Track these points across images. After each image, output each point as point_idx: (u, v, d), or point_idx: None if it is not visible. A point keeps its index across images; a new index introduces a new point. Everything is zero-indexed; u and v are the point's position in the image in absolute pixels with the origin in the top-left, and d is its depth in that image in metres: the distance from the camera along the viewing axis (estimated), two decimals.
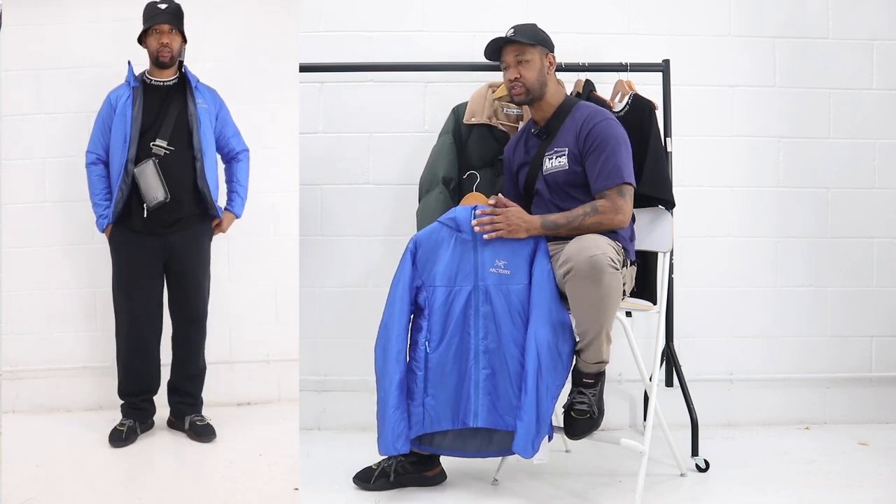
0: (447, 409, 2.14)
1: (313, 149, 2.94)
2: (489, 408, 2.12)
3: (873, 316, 3.00)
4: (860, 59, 2.99)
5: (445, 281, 2.16)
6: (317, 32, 2.94)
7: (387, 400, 2.11)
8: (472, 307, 2.15)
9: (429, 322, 2.16)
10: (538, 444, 2.05)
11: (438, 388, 2.14)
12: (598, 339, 2.04)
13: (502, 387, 2.11)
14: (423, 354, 2.14)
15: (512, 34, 2.27)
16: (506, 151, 2.47)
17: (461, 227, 2.17)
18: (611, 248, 1.99)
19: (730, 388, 2.98)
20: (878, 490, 2.24)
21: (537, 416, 2.04)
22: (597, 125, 2.20)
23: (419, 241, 2.20)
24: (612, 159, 2.16)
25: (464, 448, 2.23)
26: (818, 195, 3.00)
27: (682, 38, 2.96)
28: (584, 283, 1.95)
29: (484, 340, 2.13)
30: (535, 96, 2.28)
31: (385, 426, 2.11)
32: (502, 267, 2.14)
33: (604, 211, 2.14)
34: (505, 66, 2.30)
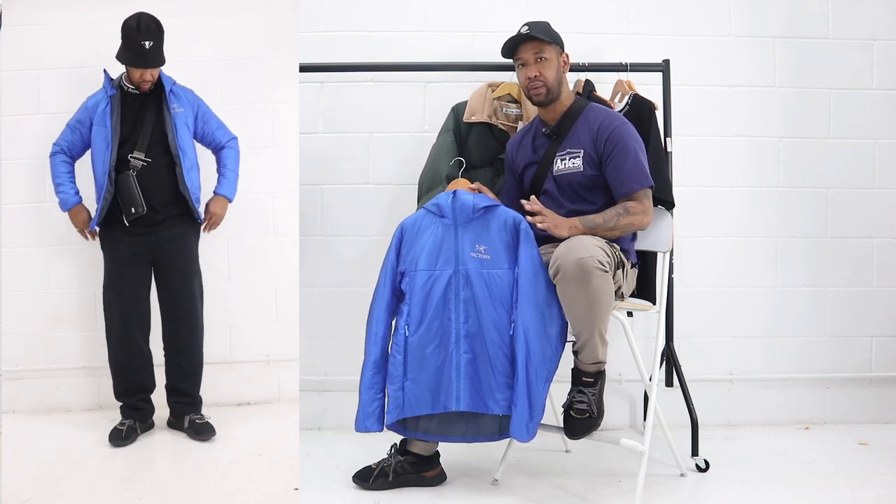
0: (427, 393, 2.15)
1: (313, 149, 2.94)
2: (470, 392, 2.13)
3: (873, 316, 3.00)
4: (860, 59, 2.99)
5: (426, 265, 2.18)
6: (317, 32, 2.94)
7: (362, 378, 2.18)
8: (453, 291, 2.16)
9: (409, 306, 2.17)
10: (533, 428, 2.06)
11: (418, 371, 2.15)
12: (592, 341, 2.04)
13: (483, 371, 2.12)
14: (403, 338, 2.16)
15: (527, 30, 2.24)
16: (508, 150, 2.47)
17: (443, 212, 2.19)
18: (599, 251, 1.99)
19: (730, 388, 2.98)
20: (878, 490, 2.24)
21: (529, 401, 2.06)
22: (616, 129, 2.21)
23: (405, 227, 2.23)
24: (636, 163, 2.18)
25: (449, 433, 2.24)
26: (818, 195, 3.00)
27: (682, 38, 2.96)
28: (573, 285, 1.96)
29: (465, 325, 2.14)
30: (554, 96, 2.27)
31: (359, 404, 2.18)
32: (483, 252, 2.15)
33: (635, 212, 2.16)
34: (521, 64, 2.28)
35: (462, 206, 2.18)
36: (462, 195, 2.19)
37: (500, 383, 2.11)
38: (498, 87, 2.67)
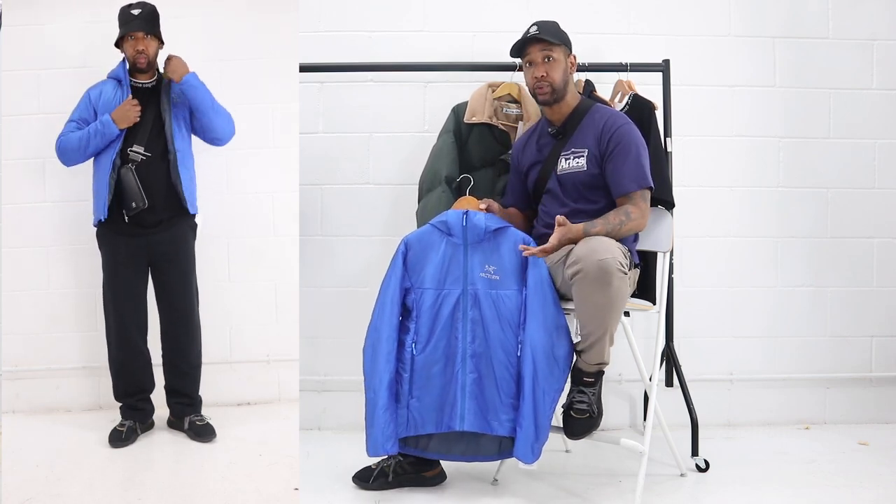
0: (432, 413, 2.14)
1: (313, 149, 2.94)
2: (475, 412, 2.11)
3: (873, 316, 3.00)
4: (860, 59, 2.99)
5: (434, 284, 2.16)
6: (317, 32, 2.93)
7: (376, 401, 2.12)
8: (461, 311, 2.15)
9: (416, 324, 2.16)
10: (538, 449, 2.06)
11: (423, 390, 2.14)
12: (602, 342, 2.04)
13: (489, 391, 2.11)
14: (410, 356, 2.15)
15: (536, 30, 2.24)
16: (514, 150, 2.47)
17: (452, 231, 2.18)
18: (619, 252, 1.99)
19: (730, 388, 2.98)
20: (878, 490, 2.24)
21: (535, 422, 2.05)
22: (619, 129, 2.20)
23: (410, 242, 2.20)
24: (636, 163, 2.17)
25: (448, 452, 2.23)
26: (818, 195, 3.00)
27: (682, 38, 2.96)
28: (593, 285, 1.95)
29: (472, 344, 2.13)
30: (559, 96, 2.27)
31: (374, 427, 2.12)
32: (492, 272, 2.14)
33: (635, 217, 2.15)
34: (528, 63, 2.28)
35: (473, 227, 2.17)
36: (474, 216, 2.17)
37: (505, 404, 2.10)
38: (498, 88, 2.67)
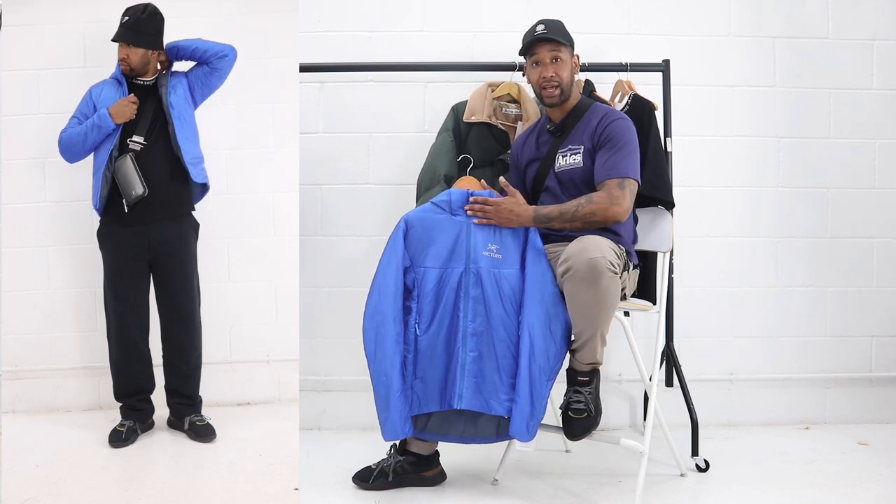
0: (436, 391, 2.13)
1: (313, 149, 2.94)
2: (474, 390, 2.10)
3: (873, 316, 3.00)
4: (860, 59, 2.99)
5: (437, 262, 2.15)
6: (317, 32, 2.93)
7: (390, 385, 2.09)
8: (463, 289, 2.13)
9: (418, 304, 2.14)
10: (534, 427, 2.05)
11: (427, 370, 2.12)
12: (593, 341, 2.04)
13: (488, 370, 2.10)
14: (413, 336, 2.13)
15: (544, 30, 2.24)
16: (513, 148, 2.47)
17: (455, 210, 2.17)
18: (611, 252, 1.99)
19: (730, 388, 2.98)
20: (878, 490, 2.24)
21: (531, 399, 2.05)
22: (612, 123, 2.21)
23: (410, 221, 2.17)
24: (620, 154, 2.17)
25: (447, 432, 2.23)
26: (818, 195, 3.00)
27: (682, 38, 2.96)
28: (582, 284, 1.95)
29: (472, 323, 2.12)
30: (566, 97, 2.27)
31: (391, 411, 2.09)
32: (495, 251, 2.14)
33: (598, 201, 2.12)
34: (535, 62, 2.27)
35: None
36: (478, 195, 2.17)
37: (505, 384, 2.09)
38: (498, 87, 2.67)
